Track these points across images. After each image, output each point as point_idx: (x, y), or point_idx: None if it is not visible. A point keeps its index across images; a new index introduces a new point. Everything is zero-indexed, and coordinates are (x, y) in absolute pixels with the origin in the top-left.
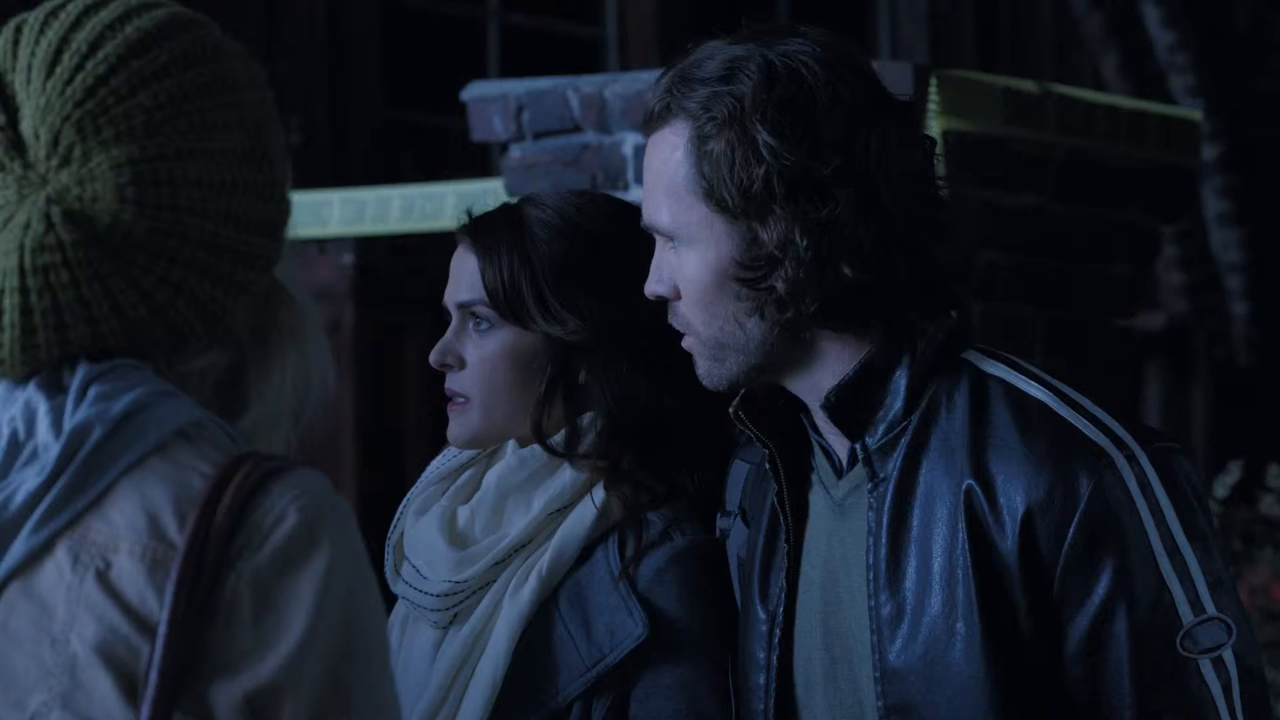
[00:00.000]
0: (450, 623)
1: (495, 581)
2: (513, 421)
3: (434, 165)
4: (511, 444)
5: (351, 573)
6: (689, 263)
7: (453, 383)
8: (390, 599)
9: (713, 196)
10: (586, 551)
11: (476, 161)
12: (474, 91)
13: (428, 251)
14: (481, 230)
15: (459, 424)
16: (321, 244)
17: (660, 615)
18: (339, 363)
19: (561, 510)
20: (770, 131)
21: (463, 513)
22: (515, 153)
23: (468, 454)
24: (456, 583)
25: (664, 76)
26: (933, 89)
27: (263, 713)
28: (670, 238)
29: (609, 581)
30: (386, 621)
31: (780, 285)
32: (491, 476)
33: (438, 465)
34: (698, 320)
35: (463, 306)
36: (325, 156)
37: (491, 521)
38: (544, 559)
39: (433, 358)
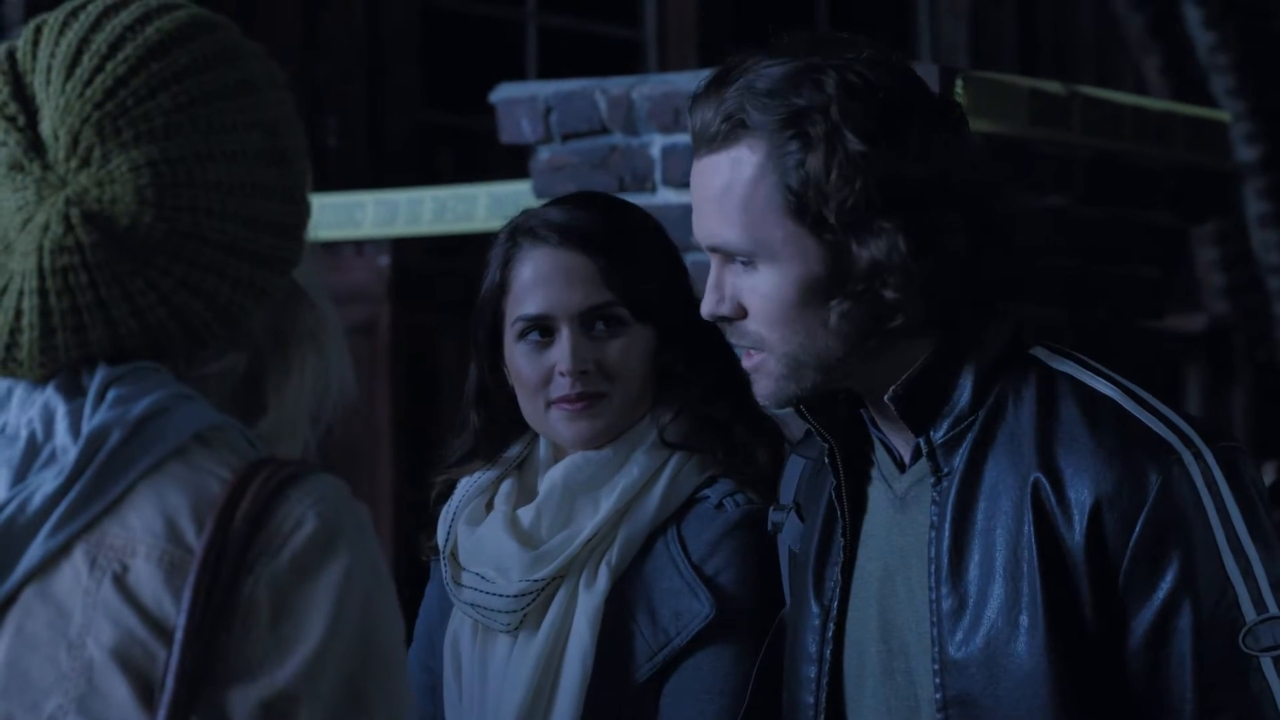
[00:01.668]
0: (519, 625)
1: (565, 578)
2: (637, 415)
3: (472, 167)
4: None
5: (369, 579)
6: (768, 280)
7: (587, 384)
8: (410, 609)
9: (805, 213)
10: (646, 545)
11: (513, 164)
12: (503, 93)
13: (464, 253)
14: (597, 235)
15: (597, 419)
16: (358, 245)
17: (714, 588)
18: (376, 364)
19: (626, 505)
20: (863, 142)
21: (525, 514)
22: (543, 154)
23: (501, 466)
24: (533, 581)
25: (712, 94)
26: (958, 90)
27: (279, 719)
28: (744, 256)
29: (672, 568)
30: (403, 628)
31: (889, 294)
32: (557, 475)
33: (473, 478)
34: (775, 336)
35: (592, 310)
36: (363, 158)
37: (559, 519)
38: (613, 550)
39: (571, 365)
